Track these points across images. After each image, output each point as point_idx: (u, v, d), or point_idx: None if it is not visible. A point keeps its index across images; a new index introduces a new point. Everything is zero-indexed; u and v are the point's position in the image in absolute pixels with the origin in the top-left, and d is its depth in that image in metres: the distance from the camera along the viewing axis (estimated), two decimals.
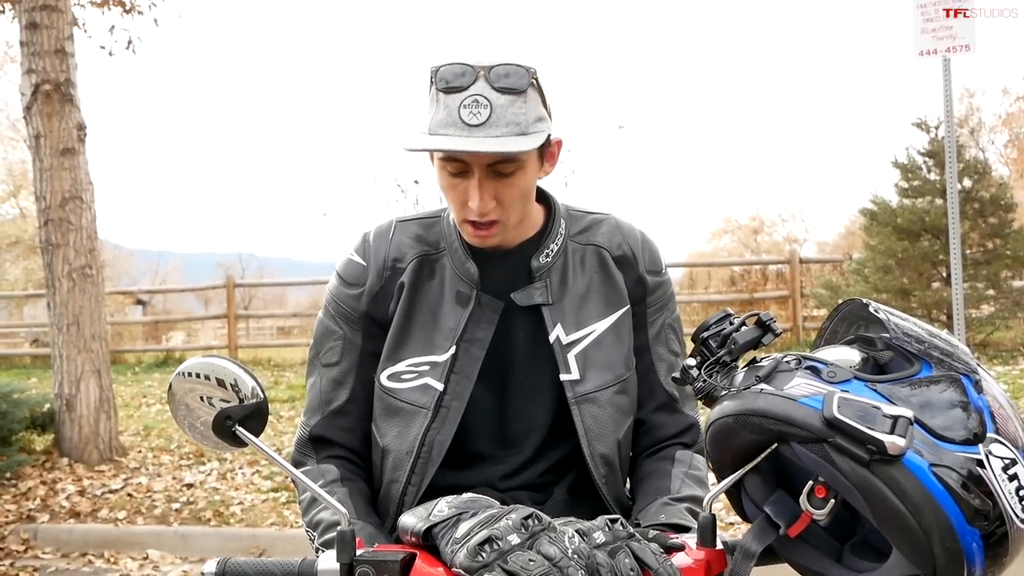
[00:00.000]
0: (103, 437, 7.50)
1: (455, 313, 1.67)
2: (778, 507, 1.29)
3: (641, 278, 1.74)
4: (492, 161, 1.53)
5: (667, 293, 1.78)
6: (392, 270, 1.70)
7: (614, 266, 1.73)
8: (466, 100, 1.49)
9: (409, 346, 1.68)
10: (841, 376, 1.19)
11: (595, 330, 1.69)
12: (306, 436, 1.73)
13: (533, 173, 1.61)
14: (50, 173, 7.42)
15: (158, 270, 40.79)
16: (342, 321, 1.72)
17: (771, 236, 41.77)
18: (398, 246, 1.72)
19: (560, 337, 1.68)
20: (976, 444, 1.15)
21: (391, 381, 1.68)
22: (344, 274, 1.73)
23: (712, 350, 1.33)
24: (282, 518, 6.10)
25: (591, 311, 1.70)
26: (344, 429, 1.72)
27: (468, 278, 1.68)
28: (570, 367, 1.67)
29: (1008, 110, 30.01)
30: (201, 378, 1.34)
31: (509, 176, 1.55)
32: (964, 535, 1.11)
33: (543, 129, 1.54)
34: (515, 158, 1.54)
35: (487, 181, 1.54)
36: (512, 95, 1.50)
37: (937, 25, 6.09)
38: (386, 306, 1.70)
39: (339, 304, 1.72)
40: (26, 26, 7.44)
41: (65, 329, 7.48)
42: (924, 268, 11.22)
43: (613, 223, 1.77)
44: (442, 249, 1.71)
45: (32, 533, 6.27)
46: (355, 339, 1.71)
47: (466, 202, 1.56)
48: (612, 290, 1.72)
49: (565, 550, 1.17)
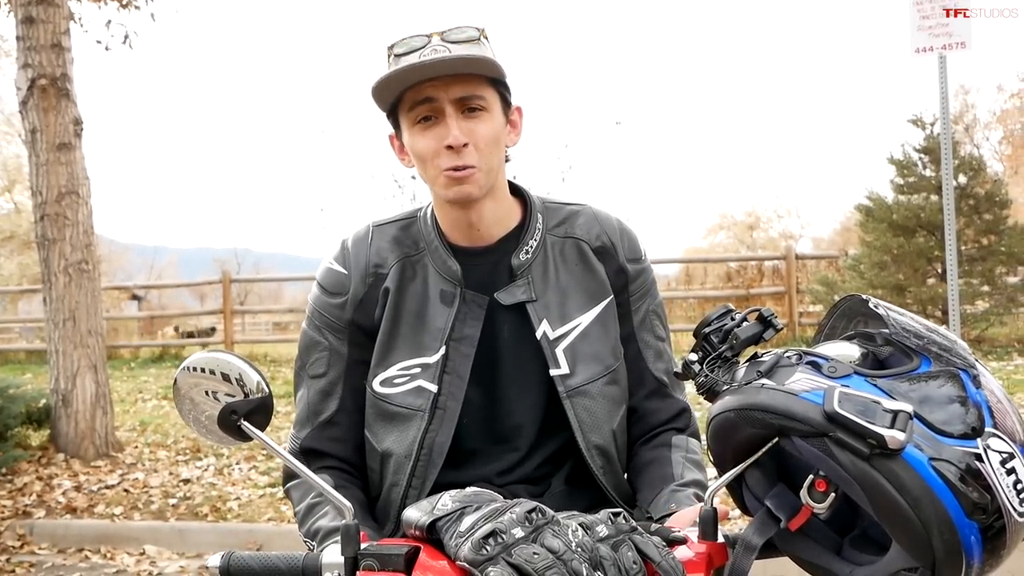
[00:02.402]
0: (99, 432, 7.51)
1: (441, 313, 1.69)
2: (779, 501, 1.30)
3: (622, 267, 1.76)
4: (460, 93, 1.59)
5: (648, 280, 1.80)
6: (375, 276, 1.71)
7: (594, 257, 1.75)
8: (424, 51, 1.59)
9: (398, 350, 1.69)
10: (842, 371, 1.21)
11: (580, 323, 1.71)
12: (297, 449, 1.73)
13: (500, 124, 1.66)
14: (46, 168, 7.42)
15: (153, 265, 40.72)
16: (327, 331, 1.72)
17: (767, 232, 41.86)
18: (378, 251, 1.73)
19: (547, 333, 1.69)
20: (975, 438, 1.16)
21: (384, 387, 1.69)
22: (325, 284, 1.73)
23: (714, 345, 1.34)
24: (279, 513, 6.11)
25: (575, 304, 1.72)
26: (335, 440, 1.72)
27: (451, 276, 1.69)
28: (559, 361, 1.68)
29: (1003, 107, 30.10)
30: (206, 373, 1.34)
31: (478, 115, 1.61)
32: (963, 528, 1.12)
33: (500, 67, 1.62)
34: (480, 94, 1.61)
35: (459, 120, 1.60)
36: (465, 43, 1.60)
37: (933, 23, 6.10)
38: (371, 313, 1.70)
39: (323, 315, 1.73)
40: (22, 20, 7.43)
41: (61, 324, 7.48)
42: (919, 264, 11.24)
43: (590, 213, 1.79)
44: (422, 249, 1.72)
45: (28, 529, 6.27)
46: (341, 349, 1.72)
47: (440, 147, 1.60)
48: (594, 282, 1.74)
49: (569, 543, 1.18)
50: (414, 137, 1.64)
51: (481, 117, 1.62)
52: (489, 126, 1.63)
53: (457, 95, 1.60)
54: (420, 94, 1.60)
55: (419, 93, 1.60)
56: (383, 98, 1.64)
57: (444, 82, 1.59)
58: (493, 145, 1.64)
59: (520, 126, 1.74)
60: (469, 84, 1.60)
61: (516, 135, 1.74)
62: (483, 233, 1.70)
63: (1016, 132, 30.13)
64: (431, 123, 1.61)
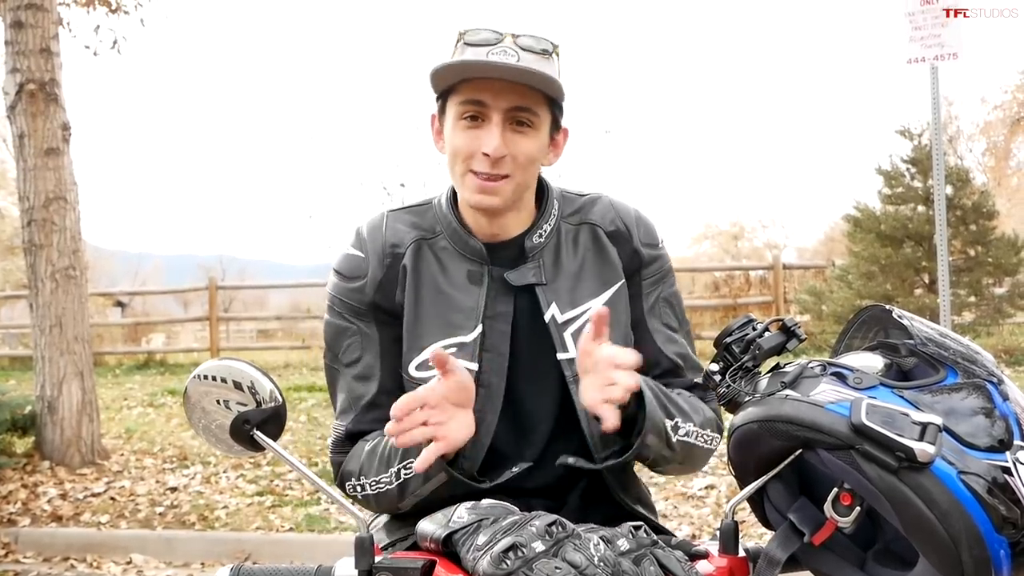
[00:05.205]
0: (85, 440, 7.42)
1: (470, 292, 1.66)
2: (802, 514, 1.28)
3: (636, 251, 1.73)
4: (513, 104, 1.57)
5: (664, 267, 1.77)
6: (392, 256, 1.68)
7: (607, 241, 1.73)
8: (494, 49, 1.56)
9: (428, 332, 1.65)
10: (867, 382, 1.19)
11: (590, 307, 1.66)
12: (343, 435, 1.68)
13: (543, 142, 1.64)
14: (34, 173, 7.35)
15: (138, 272, 40.53)
16: (352, 316, 1.68)
17: (751, 242, 42.01)
18: (394, 232, 1.70)
19: (556, 316, 1.66)
20: (1003, 451, 1.14)
21: (420, 371, 1.64)
22: (343, 269, 1.70)
23: (735, 356, 1.32)
24: (267, 522, 6.05)
25: (585, 289, 1.69)
26: (380, 421, 1.61)
27: (476, 255, 1.67)
28: (567, 346, 1.65)
29: (986, 118, 30.29)
30: (218, 381, 1.31)
31: (525, 130, 1.59)
32: (992, 543, 1.11)
33: (561, 88, 1.59)
34: (534, 110, 1.58)
35: (504, 130, 1.58)
36: (536, 54, 1.57)
37: (926, 33, 6.13)
38: (393, 293, 1.67)
39: (344, 300, 1.69)
40: (11, 25, 7.37)
41: (48, 331, 7.40)
42: (907, 275, 11.29)
43: (606, 201, 1.77)
44: (439, 232, 1.70)
45: (13, 537, 6.19)
46: (370, 331, 1.68)
47: (478, 150, 1.58)
48: (606, 266, 1.71)
49: (591, 557, 1.16)
50: (456, 131, 1.62)
51: (527, 133, 1.60)
52: (532, 143, 1.60)
53: (509, 105, 1.57)
54: (474, 93, 1.58)
55: (473, 91, 1.58)
56: (438, 82, 1.62)
57: (500, 88, 1.56)
58: (531, 162, 1.62)
59: (562, 148, 1.72)
60: (525, 97, 1.58)
61: (555, 156, 1.72)
62: (501, 235, 1.69)
63: (999, 144, 30.33)
64: (476, 123, 1.59)
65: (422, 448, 1.38)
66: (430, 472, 1.48)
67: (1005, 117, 29.42)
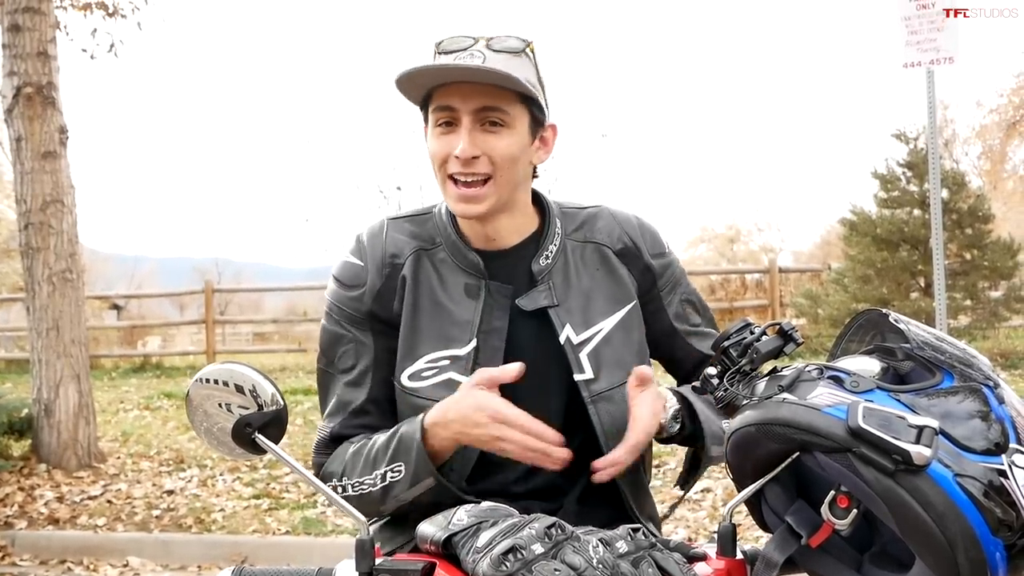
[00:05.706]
0: (82, 443, 7.43)
1: (467, 305, 1.66)
2: (800, 517, 1.29)
3: (648, 266, 1.75)
4: (480, 105, 1.57)
5: (676, 272, 1.79)
6: (391, 266, 1.69)
7: (617, 261, 1.74)
8: (462, 55, 1.57)
9: (423, 343, 1.66)
10: (864, 386, 1.20)
11: (603, 328, 1.69)
12: (327, 437, 1.69)
13: (523, 140, 1.64)
14: (31, 176, 7.36)
15: (134, 275, 40.47)
16: (348, 324, 1.69)
17: (747, 245, 42.00)
18: (394, 242, 1.71)
19: (571, 337, 1.67)
20: (999, 454, 1.15)
21: (412, 381, 1.65)
22: (342, 277, 1.71)
23: (733, 359, 1.33)
24: (264, 525, 6.06)
25: (597, 309, 1.70)
26: (365, 427, 1.67)
27: (473, 269, 1.68)
28: (583, 367, 1.66)
29: (982, 122, 30.31)
30: (219, 384, 1.32)
31: (497, 129, 1.60)
32: (988, 545, 1.12)
33: (533, 89, 1.60)
34: (503, 108, 1.58)
35: (476, 132, 1.59)
36: (506, 54, 1.58)
37: (921, 37, 6.14)
38: (391, 303, 1.68)
39: (342, 308, 1.70)
40: (8, 28, 7.38)
41: (44, 334, 7.40)
42: (903, 278, 11.30)
43: (607, 215, 1.78)
44: (438, 243, 1.70)
45: (10, 540, 6.20)
46: (366, 339, 1.69)
47: (450, 154, 1.59)
48: (617, 287, 1.72)
49: (590, 560, 1.17)
50: (431, 138, 1.64)
51: (499, 132, 1.60)
52: (507, 142, 1.60)
53: (477, 106, 1.58)
54: (443, 99, 1.59)
55: (443, 97, 1.59)
56: (408, 93, 1.64)
57: (469, 91, 1.58)
58: (511, 161, 1.62)
59: (552, 144, 1.72)
60: (493, 97, 1.58)
61: (546, 153, 1.71)
62: (499, 241, 1.69)
63: (994, 147, 30.37)
64: (449, 128, 1.61)
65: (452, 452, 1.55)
66: (418, 476, 1.51)
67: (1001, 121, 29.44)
